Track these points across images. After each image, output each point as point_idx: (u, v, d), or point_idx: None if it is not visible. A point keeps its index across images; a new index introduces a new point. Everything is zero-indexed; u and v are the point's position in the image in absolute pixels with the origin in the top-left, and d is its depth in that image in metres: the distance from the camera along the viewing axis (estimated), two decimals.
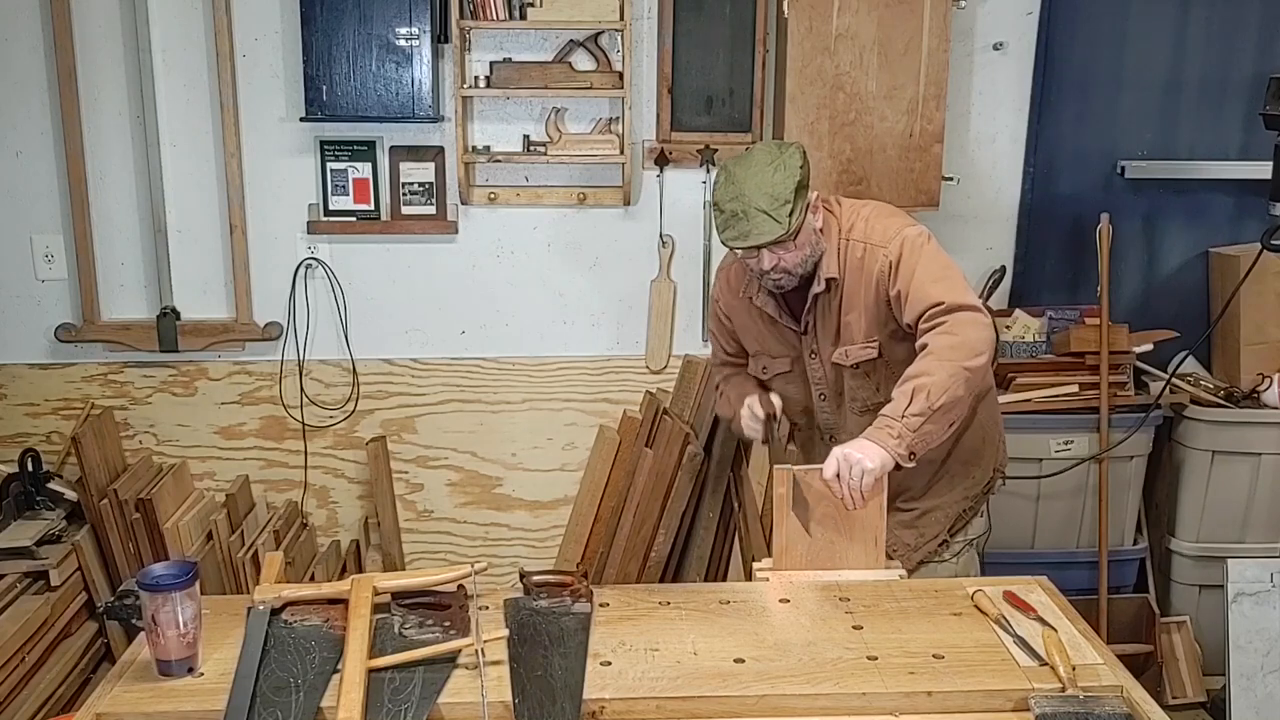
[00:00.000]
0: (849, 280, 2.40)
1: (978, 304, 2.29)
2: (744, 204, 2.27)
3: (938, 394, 2.16)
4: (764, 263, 2.33)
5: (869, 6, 3.06)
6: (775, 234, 2.26)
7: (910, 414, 2.15)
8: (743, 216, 2.28)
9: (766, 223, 2.26)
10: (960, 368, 2.19)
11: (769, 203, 2.26)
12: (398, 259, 3.53)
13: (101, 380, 3.54)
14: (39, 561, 3.10)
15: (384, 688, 1.70)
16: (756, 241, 2.28)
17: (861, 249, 2.39)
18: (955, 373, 2.19)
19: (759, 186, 2.27)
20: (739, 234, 2.28)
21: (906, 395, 2.18)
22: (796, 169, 2.29)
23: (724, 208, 2.30)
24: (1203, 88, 3.54)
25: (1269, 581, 3.22)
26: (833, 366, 2.47)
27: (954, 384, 2.18)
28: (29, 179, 3.40)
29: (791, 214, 2.27)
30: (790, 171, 2.28)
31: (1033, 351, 3.44)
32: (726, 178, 2.32)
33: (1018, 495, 3.33)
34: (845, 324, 2.42)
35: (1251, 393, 3.39)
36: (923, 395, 2.16)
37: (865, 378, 2.45)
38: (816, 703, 1.72)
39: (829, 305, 2.43)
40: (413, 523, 3.72)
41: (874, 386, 2.45)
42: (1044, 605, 2.00)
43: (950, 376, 2.18)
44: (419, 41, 3.28)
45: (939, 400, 2.16)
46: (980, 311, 2.28)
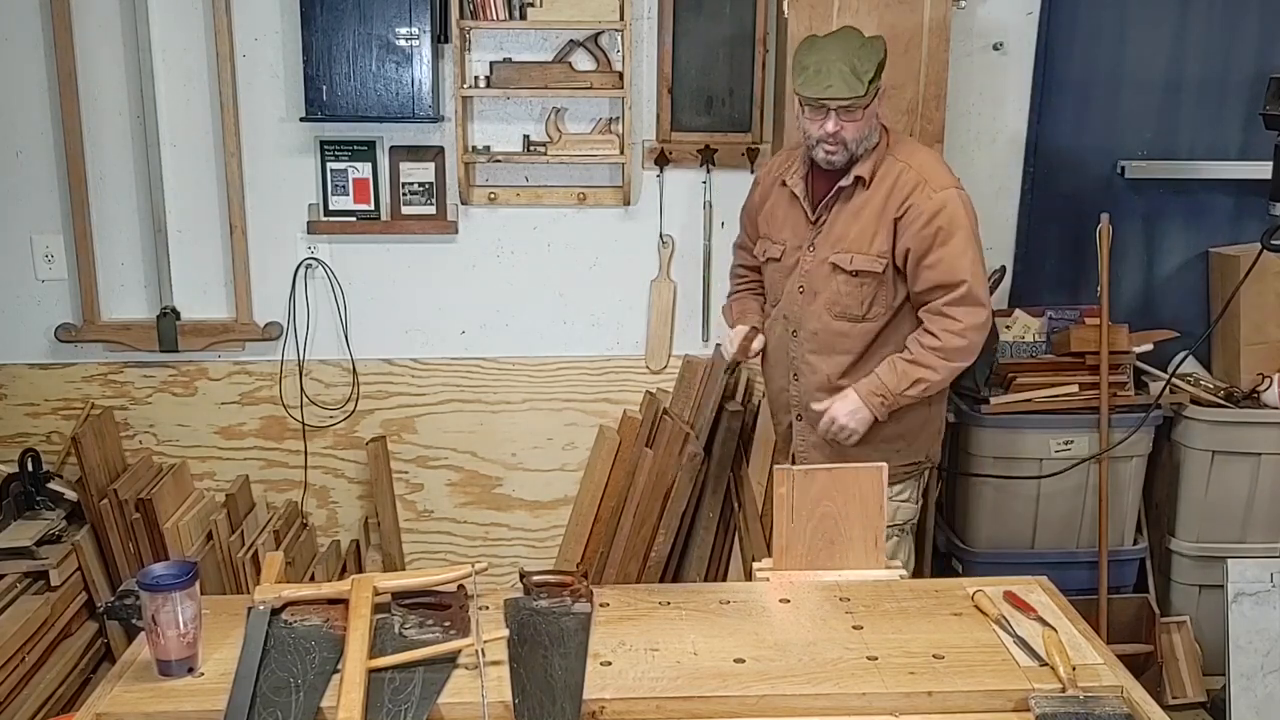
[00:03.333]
0: (878, 192, 2.56)
1: (988, 300, 2.55)
2: (828, 63, 2.45)
3: (933, 388, 2.58)
4: (828, 124, 2.48)
5: (869, 6, 3.06)
6: (852, 93, 2.44)
7: (905, 394, 2.54)
8: (825, 72, 2.45)
9: (845, 80, 2.43)
10: (957, 368, 2.56)
11: (850, 66, 2.45)
12: (398, 259, 3.53)
13: (101, 380, 3.54)
14: (39, 561, 3.10)
15: (384, 688, 1.70)
16: (834, 94, 2.44)
17: (912, 177, 2.54)
18: (952, 373, 2.57)
19: (845, 53, 2.46)
20: (818, 85, 2.45)
21: (908, 379, 2.53)
22: (880, 54, 2.50)
23: (806, 64, 2.48)
24: (1203, 88, 3.54)
25: (1269, 581, 3.22)
26: (828, 266, 2.61)
27: (947, 379, 2.58)
28: (29, 179, 3.40)
29: (868, 83, 2.45)
30: (875, 53, 2.49)
31: (1033, 351, 3.44)
32: (811, 44, 2.52)
33: (1018, 495, 3.33)
34: (858, 229, 2.57)
35: (1251, 393, 3.39)
36: (921, 386, 2.54)
37: (858, 287, 2.60)
38: (816, 703, 1.72)
39: (847, 204, 2.59)
40: (413, 523, 3.72)
41: (862, 299, 2.61)
42: (1044, 605, 2.00)
43: (946, 378, 2.58)
44: (419, 41, 3.28)
45: (932, 391, 2.59)
46: (987, 308, 2.54)
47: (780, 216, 2.73)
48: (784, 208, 2.73)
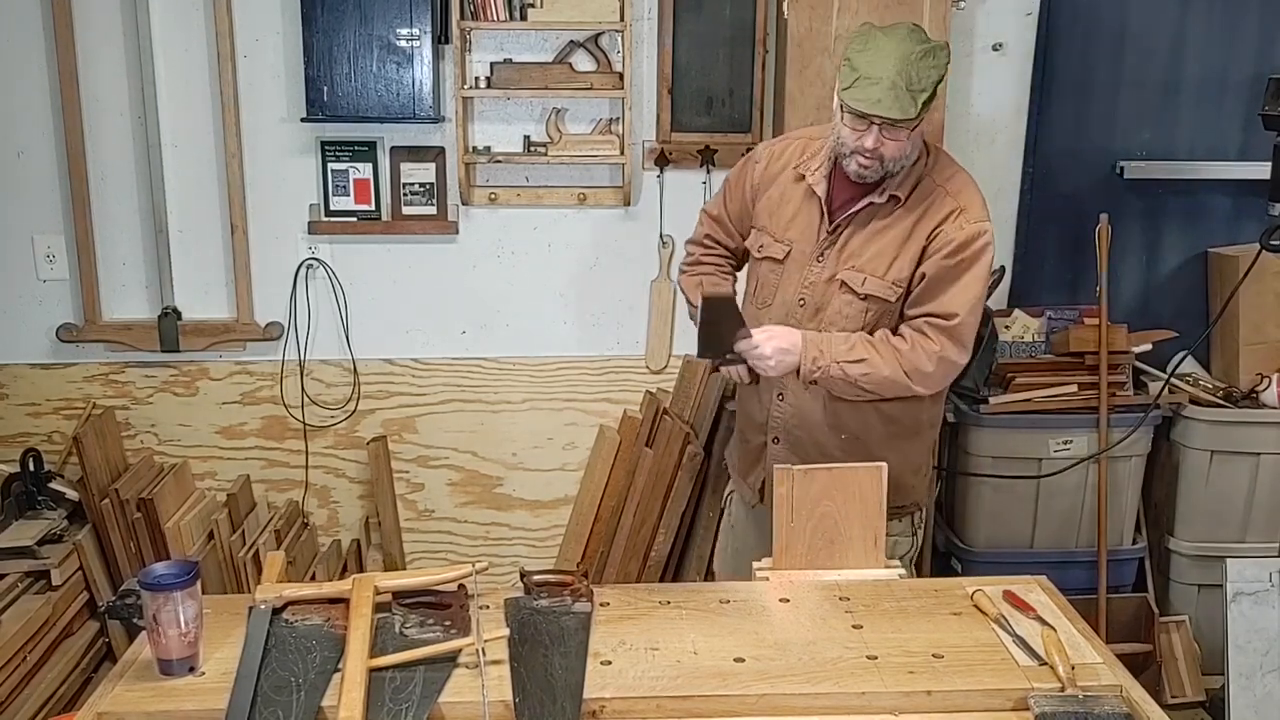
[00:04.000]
0: (909, 214, 2.31)
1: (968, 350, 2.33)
2: (881, 70, 2.15)
3: (870, 384, 2.29)
4: (868, 139, 2.20)
5: (869, 7, 3.06)
6: (903, 114, 2.15)
7: (842, 363, 2.27)
8: (876, 82, 2.15)
9: (898, 100, 2.14)
10: (904, 384, 2.30)
11: (907, 82, 2.15)
12: (398, 259, 3.54)
13: (103, 380, 3.54)
14: (40, 561, 3.11)
15: (385, 687, 1.71)
16: (882, 112, 2.15)
17: (949, 204, 2.29)
18: (897, 382, 2.29)
19: (902, 61, 2.15)
20: (866, 98, 2.15)
21: (855, 354, 2.27)
22: (943, 64, 2.20)
23: (858, 67, 2.17)
24: (1202, 88, 3.55)
25: (1268, 581, 3.22)
26: (836, 283, 2.35)
27: (885, 387, 2.30)
28: (30, 179, 3.41)
29: (923, 104, 2.16)
30: (937, 65, 2.19)
31: (1032, 351, 3.45)
32: (868, 40, 2.20)
33: (1017, 495, 3.34)
34: (878, 250, 2.32)
35: (1250, 392, 3.40)
36: (861, 367, 2.27)
37: (863, 313, 2.34)
38: (816, 702, 1.73)
39: (872, 221, 2.33)
40: (413, 522, 3.73)
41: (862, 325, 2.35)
42: (1043, 605, 2.00)
43: (890, 384, 2.29)
44: (420, 42, 3.28)
45: (867, 384, 2.29)
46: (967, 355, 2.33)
47: (789, 213, 2.41)
48: (796, 204, 2.41)
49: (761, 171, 2.48)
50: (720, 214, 2.59)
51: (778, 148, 2.49)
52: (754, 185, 2.49)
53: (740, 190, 2.53)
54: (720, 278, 2.59)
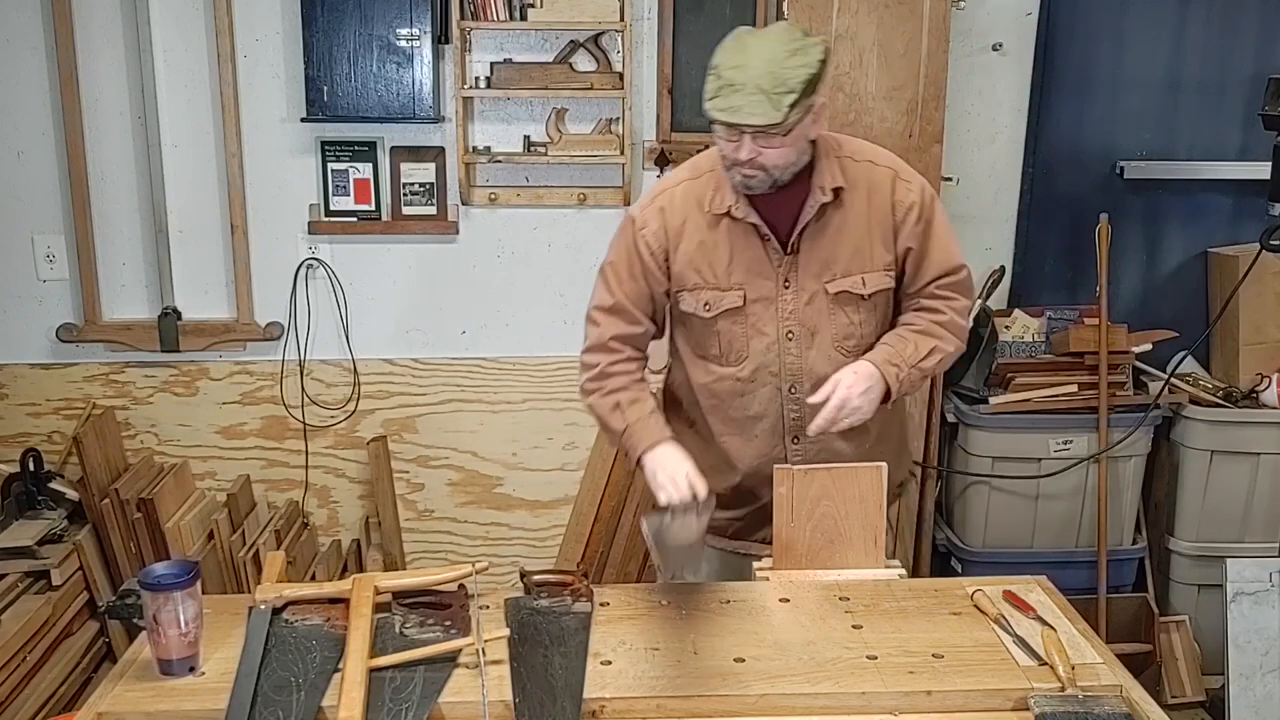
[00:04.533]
0: (855, 199, 2.15)
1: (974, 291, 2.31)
2: (745, 75, 1.97)
3: (943, 365, 2.22)
4: (741, 150, 2.02)
5: (869, 7, 3.06)
6: (766, 119, 1.96)
7: (918, 367, 2.16)
8: (739, 88, 1.97)
9: (761, 104, 1.96)
10: (956, 353, 2.24)
11: (771, 83, 1.96)
12: (398, 259, 3.54)
13: (103, 380, 3.54)
14: (40, 561, 3.10)
15: (385, 687, 1.71)
16: (742, 120, 1.98)
17: (885, 175, 2.18)
18: (957, 351, 2.24)
19: (767, 63, 1.97)
20: (727, 106, 1.98)
21: (925, 350, 2.17)
22: (815, 63, 1.99)
23: (721, 73, 2.00)
24: (1202, 88, 3.55)
25: (1268, 581, 3.22)
26: (828, 298, 2.17)
27: (949, 363, 2.25)
28: (30, 179, 3.41)
29: (792, 106, 1.96)
30: (807, 62, 1.99)
31: (1032, 351, 3.45)
32: (736, 43, 2.03)
33: (1017, 495, 3.34)
34: (853, 248, 2.16)
35: (1250, 393, 3.40)
36: (936, 359, 2.18)
37: (872, 312, 2.21)
38: (816, 702, 1.73)
39: (825, 226, 2.15)
40: (413, 522, 3.73)
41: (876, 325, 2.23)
42: (1043, 605, 2.00)
43: (954, 355, 2.24)
44: (420, 42, 3.28)
45: (939, 370, 2.23)
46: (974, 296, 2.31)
47: (725, 257, 2.16)
48: (728, 244, 2.16)
49: (659, 232, 2.20)
50: (617, 303, 2.25)
51: (662, 204, 2.21)
52: (653, 252, 2.20)
53: (633, 265, 2.22)
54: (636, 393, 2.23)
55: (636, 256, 2.21)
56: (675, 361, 2.37)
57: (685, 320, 2.25)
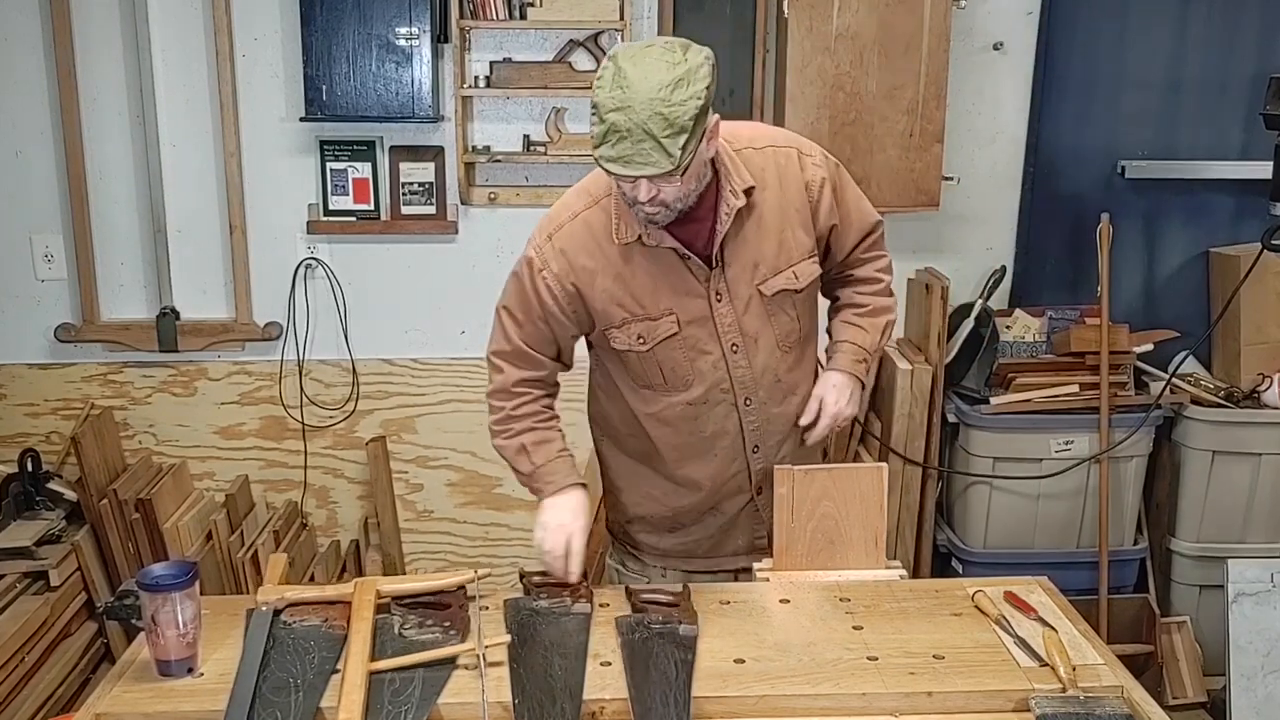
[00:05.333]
0: (766, 190, 2.04)
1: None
2: (630, 118, 1.78)
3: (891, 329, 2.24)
4: (640, 192, 1.87)
5: (869, 6, 3.06)
6: (661, 168, 1.80)
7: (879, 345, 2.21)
8: (625, 135, 1.79)
9: (654, 152, 1.79)
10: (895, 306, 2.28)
11: (661, 127, 1.78)
12: (398, 259, 3.53)
13: (101, 380, 3.54)
14: (39, 562, 3.10)
15: (384, 689, 1.70)
16: (637, 172, 1.82)
17: (789, 155, 2.07)
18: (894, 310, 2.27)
19: (653, 103, 1.78)
20: (618, 156, 1.81)
21: (877, 328, 2.20)
22: (702, 89, 1.80)
23: (605, 117, 1.80)
24: (1203, 88, 3.54)
25: (1269, 582, 3.21)
26: (763, 300, 2.07)
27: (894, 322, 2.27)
28: (29, 179, 3.40)
29: (685, 146, 1.80)
30: (694, 91, 1.79)
31: (1033, 351, 3.44)
32: (615, 78, 1.81)
33: (1018, 495, 3.33)
34: (776, 241, 2.06)
35: (1252, 393, 3.39)
36: (889, 331, 2.22)
37: (805, 302, 2.14)
38: (816, 703, 1.72)
39: (742, 227, 2.03)
40: (413, 523, 3.72)
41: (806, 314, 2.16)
42: (1044, 605, 2.00)
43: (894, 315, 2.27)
44: (419, 41, 3.28)
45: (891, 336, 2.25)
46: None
47: (646, 285, 2.04)
48: (646, 271, 2.03)
49: (563, 273, 2.07)
50: (515, 349, 2.15)
51: (560, 245, 2.09)
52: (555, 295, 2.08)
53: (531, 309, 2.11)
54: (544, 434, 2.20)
55: (536, 300, 2.09)
56: (607, 395, 2.27)
57: (620, 357, 2.13)
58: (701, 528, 2.27)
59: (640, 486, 2.29)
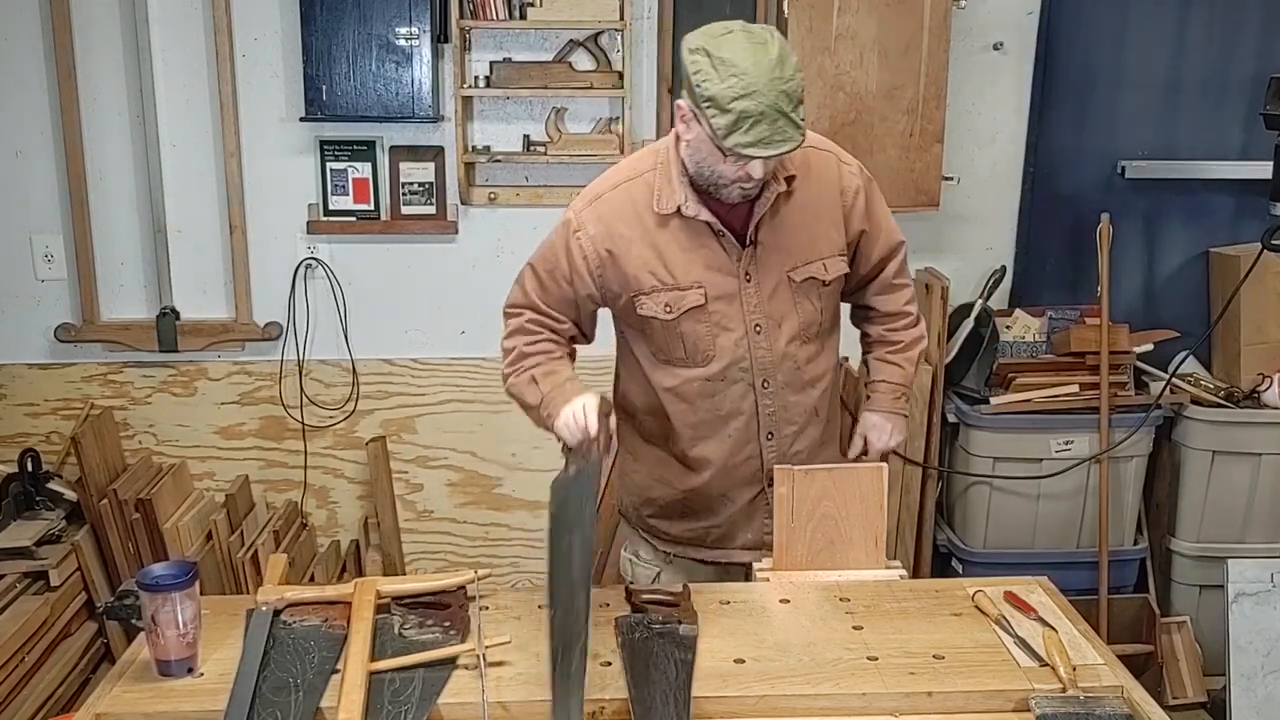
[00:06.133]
0: (805, 185, 2.10)
1: None
2: (757, 103, 1.83)
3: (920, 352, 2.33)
4: (755, 171, 1.92)
5: (869, 6, 3.06)
6: (796, 141, 1.87)
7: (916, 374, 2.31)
8: (759, 119, 1.83)
9: (788, 128, 1.85)
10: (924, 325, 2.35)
11: (788, 103, 1.84)
12: (398, 259, 3.53)
13: (101, 380, 3.54)
14: (38, 562, 3.10)
15: (384, 689, 1.70)
16: (777, 151, 1.86)
17: (826, 158, 2.14)
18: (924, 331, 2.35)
19: (774, 83, 1.84)
20: (756, 140, 1.84)
21: (913, 361, 2.30)
22: (797, 57, 1.93)
23: (729, 106, 1.84)
24: (1203, 88, 3.54)
25: (1269, 582, 3.21)
26: (790, 287, 2.12)
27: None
28: (29, 179, 3.40)
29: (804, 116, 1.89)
30: (796, 62, 1.90)
31: (1033, 351, 3.44)
32: (720, 68, 1.86)
33: (1018, 495, 3.33)
34: (809, 234, 2.11)
35: (1252, 393, 3.39)
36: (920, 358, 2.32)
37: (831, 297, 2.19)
38: (816, 703, 1.72)
39: (778, 214, 2.08)
40: (412, 523, 3.72)
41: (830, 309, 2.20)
42: (1044, 605, 2.00)
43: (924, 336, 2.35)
44: (419, 41, 3.28)
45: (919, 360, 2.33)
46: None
47: (680, 257, 2.07)
48: (681, 244, 2.07)
49: (595, 237, 2.11)
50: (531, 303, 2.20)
51: (600, 211, 2.12)
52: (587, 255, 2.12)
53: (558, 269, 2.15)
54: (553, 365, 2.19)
55: (566, 259, 2.13)
56: (628, 372, 2.28)
57: (644, 326, 2.14)
58: (711, 515, 2.27)
59: (654, 468, 2.29)
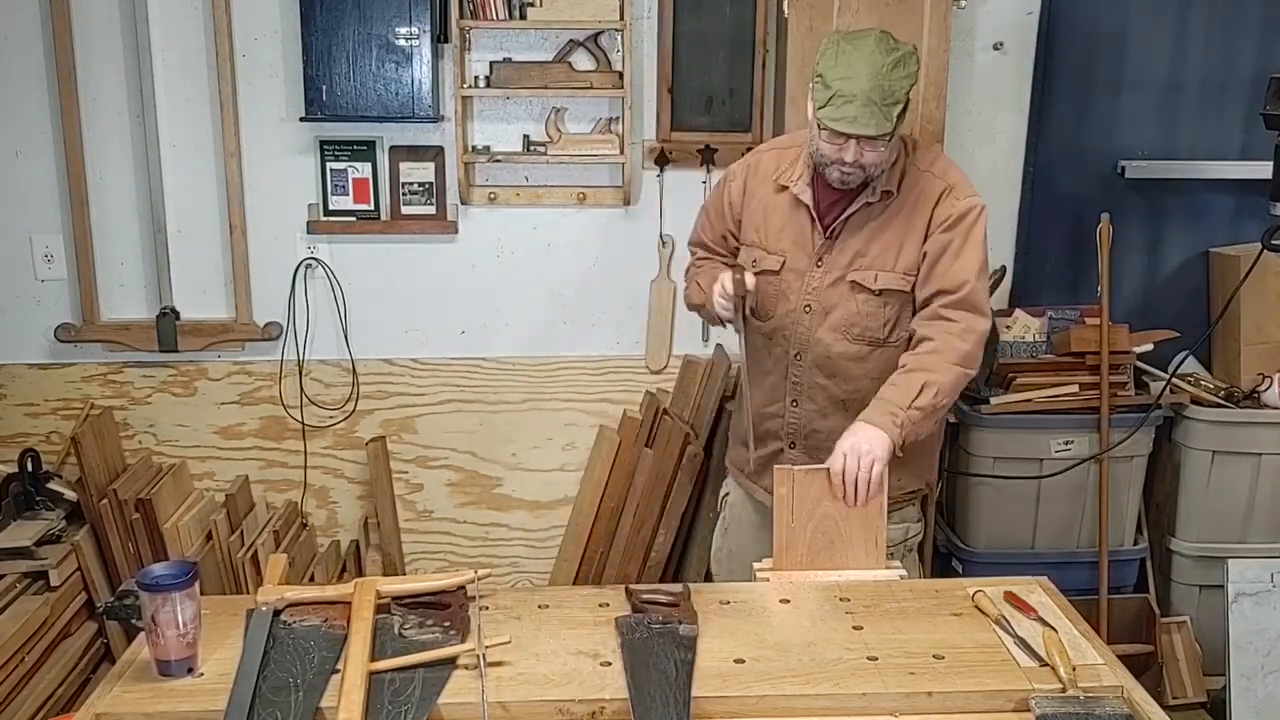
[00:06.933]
0: (904, 204, 2.35)
1: (989, 314, 2.34)
2: (854, 86, 2.16)
3: (943, 395, 2.24)
4: (847, 153, 2.23)
5: (869, 6, 3.06)
6: (880, 129, 2.18)
7: (915, 406, 2.20)
8: (850, 100, 2.16)
9: (875, 115, 2.16)
10: (964, 374, 2.27)
11: (881, 96, 2.16)
12: (398, 259, 3.53)
13: (101, 380, 3.53)
14: (39, 562, 3.10)
15: (384, 689, 1.70)
16: (860, 130, 2.18)
17: (937, 186, 2.34)
18: (959, 379, 2.27)
19: (875, 75, 2.16)
20: (842, 116, 2.17)
21: (915, 388, 2.22)
22: (914, 70, 2.23)
23: (831, 84, 2.18)
24: (1203, 88, 3.54)
25: (1269, 582, 3.21)
26: (846, 284, 2.37)
27: (955, 390, 2.27)
28: (29, 179, 3.40)
29: (898, 116, 2.19)
30: (908, 72, 2.21)
31: (1033, 351, 3.44)
32: (838, 53, 2.20)
33: (1018, 495, 3.33)
34: (882, 245, 2.35)
35: (1252, 393, 3.39)
36: (931, 391, 2.22)
37: (882, 308, 2.38)
38: (816, 703, 1.72)
39: (868, 218, 2.36)
40: (412, 523, 3.72)
41: (884, 320, 2.38)
42: (1044, 605, 2.00)
43: (954, 382, 2.26)
44: (419, 41, 3.28)
45: (942, 400, 2.24)
46: (988, 320, 2.32)
47: (777, 224, 2.43)
48: (783, 214, 2.42)
49: (740, 188, 2.51)
50: (702, 240, 2.65)
51: (753, 161, 2.52)
52: (732, 203, 2.52)
53: (723, 214, 2.56)
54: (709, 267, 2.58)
55: (723, 201, 2.55)
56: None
57: None
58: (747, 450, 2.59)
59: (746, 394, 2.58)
